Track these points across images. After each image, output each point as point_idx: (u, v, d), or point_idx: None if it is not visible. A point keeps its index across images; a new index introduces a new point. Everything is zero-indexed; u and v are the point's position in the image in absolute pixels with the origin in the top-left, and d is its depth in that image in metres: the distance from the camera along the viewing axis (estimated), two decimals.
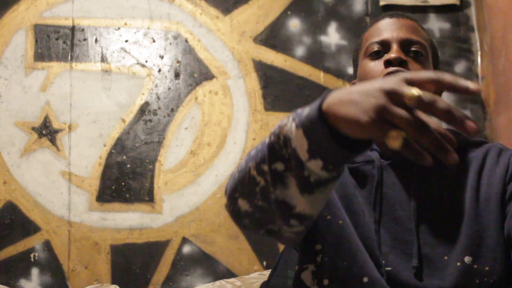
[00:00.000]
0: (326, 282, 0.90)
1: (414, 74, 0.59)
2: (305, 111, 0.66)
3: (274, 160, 0.70)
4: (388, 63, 0.95)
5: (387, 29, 1.00)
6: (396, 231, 0.91)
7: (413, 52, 0.98)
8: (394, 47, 0.97)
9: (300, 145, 0.65)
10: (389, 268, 0.88)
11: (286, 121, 0.69)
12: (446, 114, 0.56)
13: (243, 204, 0.78)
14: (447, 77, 0.57)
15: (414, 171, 0.95)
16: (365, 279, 0.87)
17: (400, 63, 0.95)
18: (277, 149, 0.69)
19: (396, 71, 0.93)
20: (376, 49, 0.99)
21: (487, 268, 0.87)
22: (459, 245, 0.88)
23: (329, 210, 0.93)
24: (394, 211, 0.92)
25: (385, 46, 0.99)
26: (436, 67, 1.05)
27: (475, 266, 0.87)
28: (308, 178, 0.67)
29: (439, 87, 0.58)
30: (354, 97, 0.61)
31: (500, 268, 0.87)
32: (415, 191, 0.93)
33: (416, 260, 0.88)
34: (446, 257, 0.88)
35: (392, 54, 0.95)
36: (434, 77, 0.57)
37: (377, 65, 0.98)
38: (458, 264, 0.87)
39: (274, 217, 0.77)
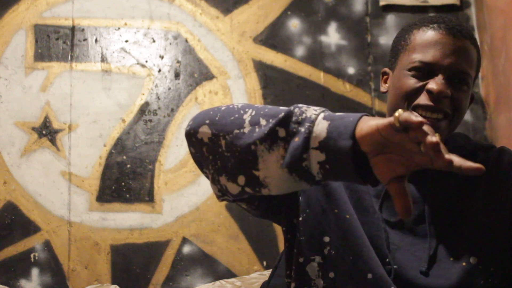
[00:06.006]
0: (331, 275, 0.91)
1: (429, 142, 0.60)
2: (339, 114, 0.70)
3: (282, 125, 0.72)
4: (429, 92, 0.92)
5: (439, 49, 0.93)
6: (403, 233, 0.93)
7: (458, 80, 0.93)
8: (440, 76, 0.92)
9: (318, 134, 0.69)
10: (395, 266, 0.89)
11: (312, 109, 0.73)
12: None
13: (204, 130, 0.81)
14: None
15: (427, 174, 0.94)
16: (369, 275, 0.88)
17: (442, 97, 0.91)
18: (292, 120, 0.72)
19: (433, 108, 0.92)
20: (420, 69, 0.94)
21: (492, 269, 0.88)
22: (466, 247, 0.90)
23: (336, 204, 0.94)
24: None
25: (430, 67, 0.93)
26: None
27: (480, 267, 0.88)
28: (301, 160, 0.70)
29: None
30: None
31: (505, 269, 0.88)
32: (428, 194, 0.94)
33: (425, 265, 0.89)
34: (451, 258, 0.90)
35: (434, 86, 0.91)
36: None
37: (416, 85, 0.94)
38: (464, 264, 0.88)
39: (222, 163, 0.79)
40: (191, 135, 0.84)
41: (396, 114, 0.62)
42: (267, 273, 1.78)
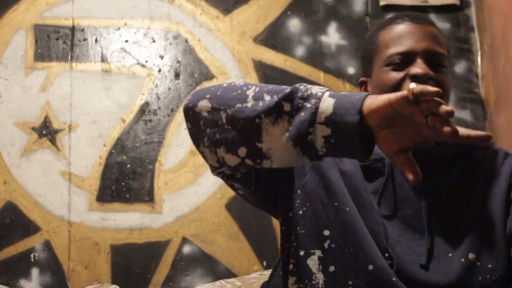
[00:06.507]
0: (332, 268, 0.91)
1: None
2: (344, 93, 0.74)
3: (287, 100, 0.75)
4: (414, 78, 0.93)
5: (410, 38, 0.97)
6: (402, 229, 0.93)
7: (437, 65, 0.96)
8: (419, 60, 0.95)
9: (324, 110, 0.72)
10: (395, 261, 0.90)
11: (317, 87, 0.76)
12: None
13: (204, 104, 0.84)
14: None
15: (424, 170, 0.95)
16: (370, 267, 0.88)
17: (427, 79, 0.93)
18: (297, 95, 0.75)
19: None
20: (398, 61, 0.96)
21: (489, 266, 0.88)
22: (464, 242, 0.90)
23: (336, 197, 0.95)
24: (401, 209, 0.94)
25: (408, 57, 0.96)
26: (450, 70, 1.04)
27: (479, 263, 0.88)
28: (307, 134, 0.73)
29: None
30: None
31: (503, 265, 0.89)
32: (425, 190, 0.95)
33: (424, 259, 0.89)
34: (450, 254, 0.90)
35: (419, 70, 0.93)
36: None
37: (398, 76, 0.96)
38: (462, 260, 0.89)
39: (222, 135, 0.81)
40: (189, 109, 0.86)
41: (410, 86, 0.66)
42: (267, 273, 1.78)
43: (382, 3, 2.10)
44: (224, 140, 0.81)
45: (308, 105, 0.73)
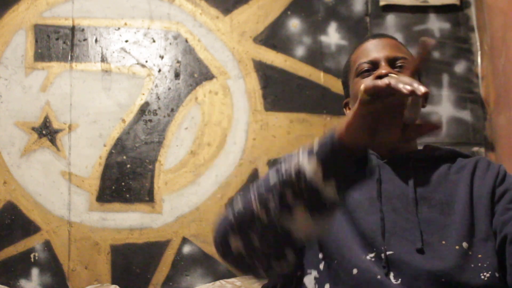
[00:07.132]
0: (327, 286, 0.96)
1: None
2: (315, 143, 0.75)
3: (287, 186, 0.76)
4: (379, 79, 1.02)
5: (373, 49, 1.11)
6: (395, 220, 0.98)
7: (399, 67, 1.08)
8: (383, 64, 1.08)
9: (316, 173, 0.73)
10: (391, 252, 0.94)
11: (292, 159, 0.77)
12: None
13: (233, 241, 0.83)
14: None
15: (410, 167, 1.04)
16: (355, 271, 0.93)
17: None
18: (289, 185, 0.76)
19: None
20: (366, 68, 1.09)
21: (479, 256, 0.94)
22: (455, 232, 0.95)
23: None
24: (393, 204, 1.00)
25: (374, 64, 1.09)
26: (419, 77, 1.14)
27: (470, 253, 0.94)
28: (324, 204, 0.75)
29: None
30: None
31: (491, 254, 0.94)
32: (413, 184, 1.01)
33: (420, 243, 0.94)
34: (444, 242, 0.95)
35: (382, 70, 1.05)
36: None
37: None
38: (457, 247, 0.94)
39: (263, 255, 0.83)
40: (225, 252, 0.87)
41: (362, 88, 0.68)
42: None
43: (382, 3, 2.10)
44: (271, 256, 0.84)
45: (305, 184, 0.75)
